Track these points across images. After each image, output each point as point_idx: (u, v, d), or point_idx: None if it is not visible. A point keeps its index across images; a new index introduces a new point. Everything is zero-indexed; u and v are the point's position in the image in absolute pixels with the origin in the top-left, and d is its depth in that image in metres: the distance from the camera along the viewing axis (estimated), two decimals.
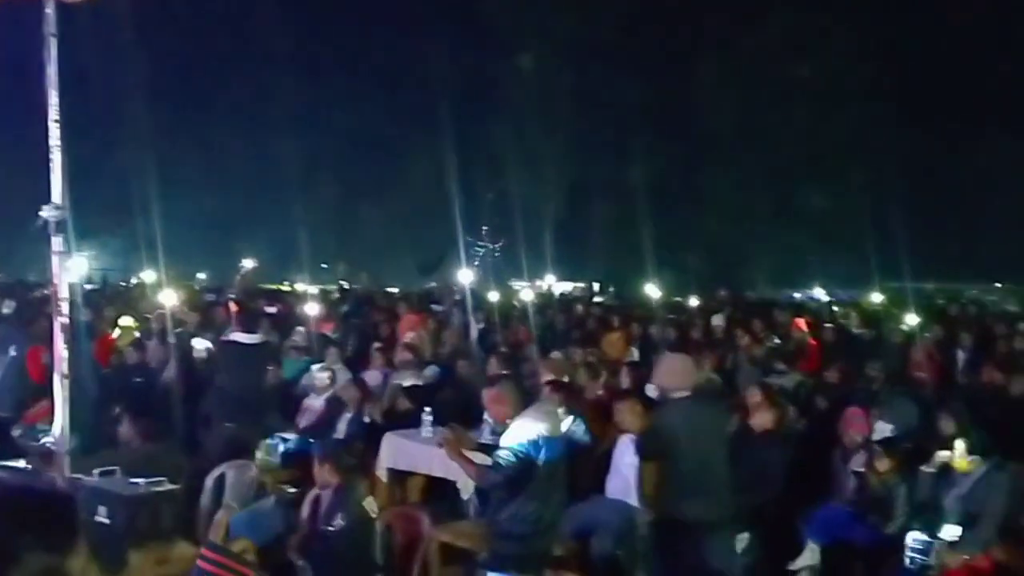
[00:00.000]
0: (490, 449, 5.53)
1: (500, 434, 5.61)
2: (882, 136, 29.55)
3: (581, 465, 7.01)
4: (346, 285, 23.80)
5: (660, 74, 33.27)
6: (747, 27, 31.91)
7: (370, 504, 5.40)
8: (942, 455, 6.39)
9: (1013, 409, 8.36)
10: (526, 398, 5.90)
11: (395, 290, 24.57)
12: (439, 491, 8.15)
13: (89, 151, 24.82)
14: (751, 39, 31.68)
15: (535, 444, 5.27)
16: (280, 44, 33.63)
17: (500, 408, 5.61)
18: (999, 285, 29.91)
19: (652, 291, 23.19)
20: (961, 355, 10.78)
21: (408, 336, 12.46)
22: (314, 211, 34.24)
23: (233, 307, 9.41)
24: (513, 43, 34.84)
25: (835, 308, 15.29)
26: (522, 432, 5.33)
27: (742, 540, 6.85)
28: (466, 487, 7.74)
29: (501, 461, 5.24)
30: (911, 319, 12.78)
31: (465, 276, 22.34)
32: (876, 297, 19.74)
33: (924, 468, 6.50)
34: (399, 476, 8.51)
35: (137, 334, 11.19)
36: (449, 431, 5.66)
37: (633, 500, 6.76)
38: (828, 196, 27.95)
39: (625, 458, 6.90)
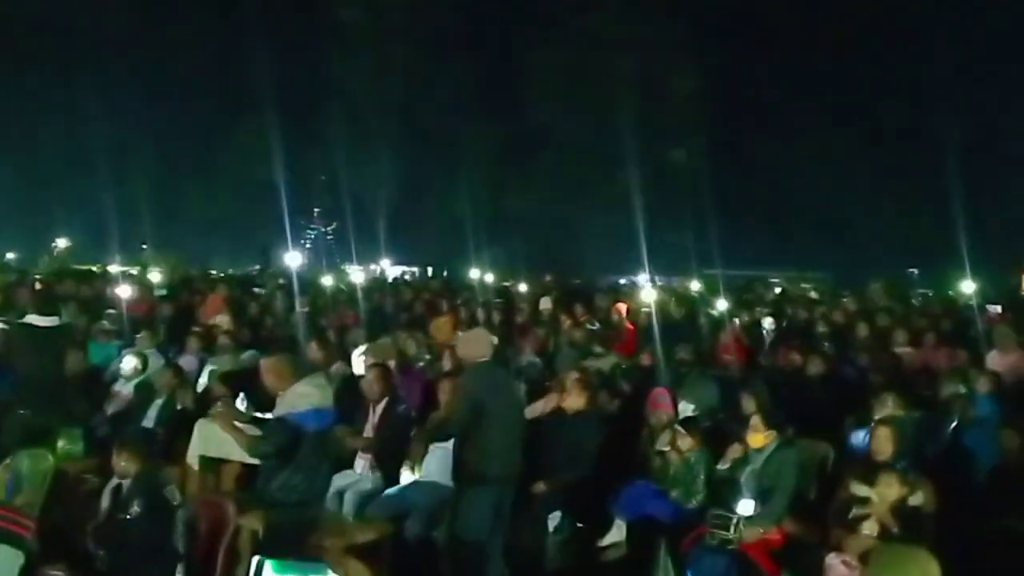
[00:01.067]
0: (263, 422, 5.65)
1: None
2: (702, 131, 30.89)
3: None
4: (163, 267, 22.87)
5: (492, 58, 33.54)
6: (577, 11, 32.56)
7: (172, 492, 5.20)
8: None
9: (808, 388, 8.88)
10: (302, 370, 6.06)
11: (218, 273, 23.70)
12: (252, 478, 7.96)
13: None
14: (579, 23, 32.33)
15: (305, 415, 5.43)
16: (97, 18, 31.93)
17: (275, 379, 5.74)
18: (809, 274, 31.84)
19: (483, 275, 23.37)
20: (766, 338, 11.39)
21: (215, 319, 12.09)
22: (134, 191, 32.69)
23: (33, 288, 8.87)
24: (345, 25, 34.24)
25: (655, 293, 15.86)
26: (293, 403, 5.47)
27: (555, 518, 7.04)
28: None
29: (271, 432, 5.37)
30: (722, 304, 13.39)
31: (292, 259, 21.83)
32: (694, 284, 20.62)
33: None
34: (214, 464, 8.26)
35: None
36: (220, 404, 5.85)
37: (448, 481, 6.80)
38: (653, 186, 28.90)
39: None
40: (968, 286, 17.33)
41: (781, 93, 33.01)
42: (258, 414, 6.55)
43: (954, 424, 7.57)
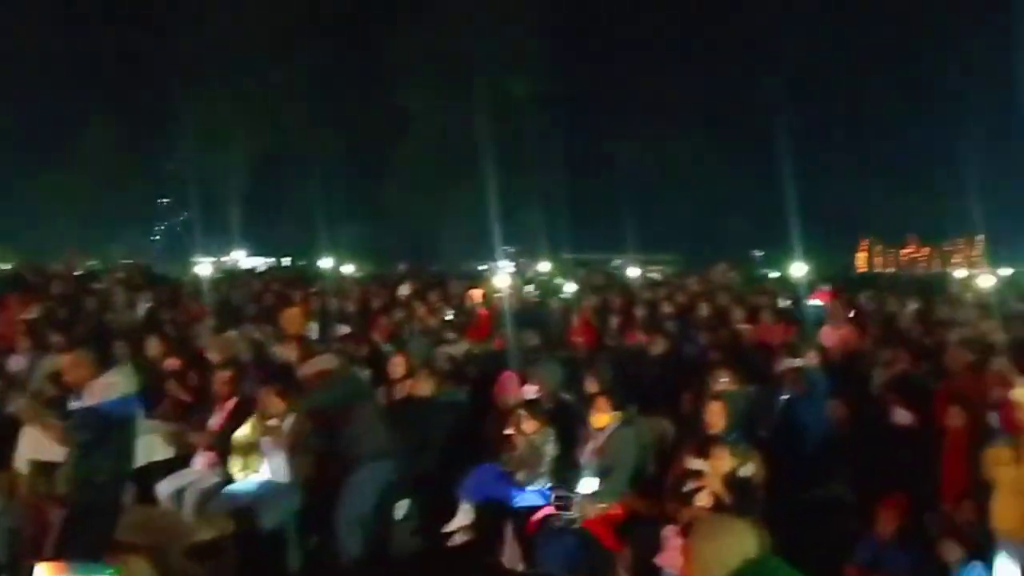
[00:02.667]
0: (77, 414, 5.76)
1: None
2: (556, 119, 31.39)
3: None
4: None
5: (349, 43, 33.05)
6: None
7: None
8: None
9: (652, 368, 9.14)
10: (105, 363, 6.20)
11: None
12: None
13: None
14: (437, 10, 32.28)
15: (112, 403, 5.64)
16: None
17: (78, 373, 5.85)
18: (658, 257, 32.79)
19: (339, 265, 23.07)
20: (613, 320, 11.63)
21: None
22: None
23: None
24: (200, 11, 33.04)
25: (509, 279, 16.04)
26: (101, 392, 5.65)
27: (402, 506, 7.01)
28: None
29: (82, 422, 5.57)
30: (572, 288, 13.63)
31: (136, 252, 20.97)
32: (548, 268, 20.95)
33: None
34: (45, 468, 7.87)
35: None
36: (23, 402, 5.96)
37: (287, 478, 6.70)
38: (509, 173, 29.14)
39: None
40: (800, 267, 18.25)
41: (632, 83, 33.79)
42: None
43: (786, 397, 7.95)
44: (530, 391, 7.73)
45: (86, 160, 34.97)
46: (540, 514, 6.50)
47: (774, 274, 21.80)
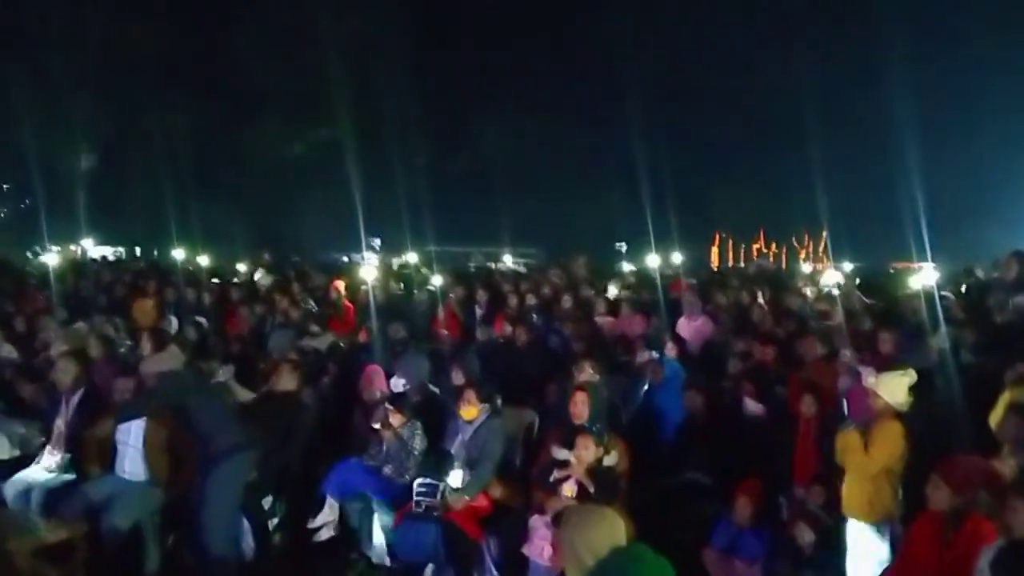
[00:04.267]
0: None
1: None
2: (420, 108, 31.27)
3: None
4: None
5: (200, 27, 31.97)
6: None
7: None
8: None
9: (518, 358, 9.23)
10: None
11: None
12: None
13: None
14: None
15: None
16: None
17: None
18: (521, 249, 33.15)
19: (195, 255, 22.33)
20: (478, 311, 11.69)
21: None
22: None
23: None
24: None
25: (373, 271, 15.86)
26: None
27: (267, 502, 6.88)
28: None
29: None
30: (437, 280, 13.59)
31: None
32: (411, 258, 20.86)
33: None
34: None
35: None
36: None
37: (142, 477, 6.47)
38: (371, 161, 28.84)
39: (129, 436, 6.56)
40: (654, 259, 18.86)
41: (499, 73, 33.99)
42: None
43: (646, 387, 8.19)
44: (397, 384, 7.71)
45: None
46: (406, 506, 6.49)
47: (630, 267, 22.36)
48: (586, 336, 9.60)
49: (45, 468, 6.91)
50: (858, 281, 14.88)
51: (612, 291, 12.79)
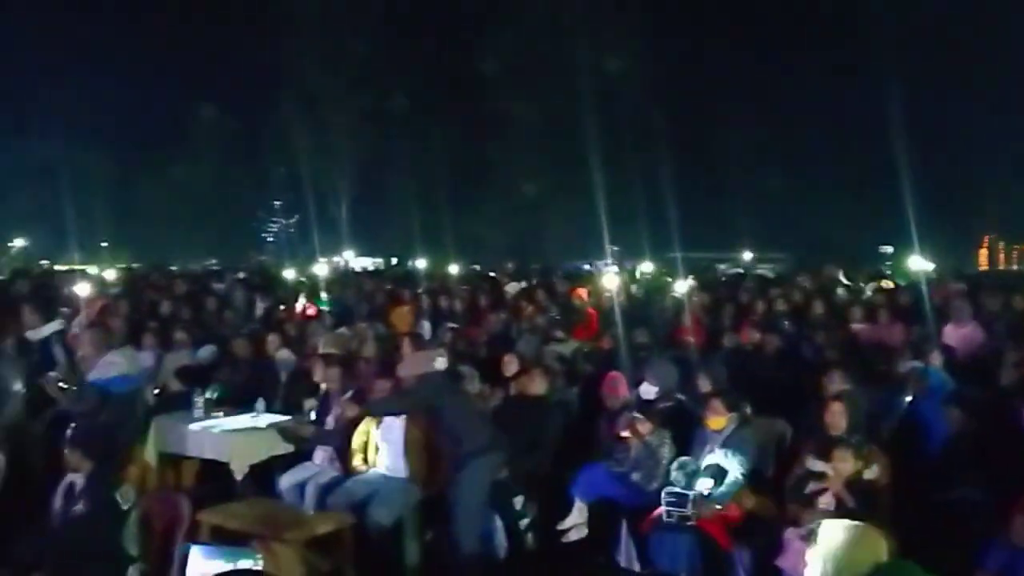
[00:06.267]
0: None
1: None
2: (661, 115, 31.07)
3: None
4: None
5: (451, 43, 33.42)
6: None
7: (126, 492, 5.12)
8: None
9: (767, 367, 8.96)
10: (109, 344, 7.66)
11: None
12: (213, 473, 7.92)
13: None
14: (538, 7, 32.37)
15: (112, 380, 6.98)
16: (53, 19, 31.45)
17: (89, 350, 7.35)
18: (769, 255, 32.13)
19: (446, 264, 23.34)
20: (725, 319, 11.44)
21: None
22: (92, 189, 32.32)
23: None
24: (301, 15, 33.93)
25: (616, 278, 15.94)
26: (102, 370, 7.06)
27: (516, 503, 7.05)
28: (239, 467, 7.58)
29: (82, 393, 6.90)
30: (682, 287, 13.45)
31: (254, 254, 21.65)
32: (653, 267, 20.76)
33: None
34: (173, 460, 8.20)
35: None
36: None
37: (403, 474, 6.81)
38: (615, 171, 28.98)
39: (390, 434, 6.91)
40: (918, 262, 17.66)
41: (738, 77, 33.20)
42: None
43: (909, 398, 7.69)
44: (647, 391, 7.65)
45: (201, 163, 36.35)
46: (655, 513, 6.44)
47: (891, 271, 21.11)
48: (840, 344, 9.16)
49: (317, 464, 7.43)
50: None
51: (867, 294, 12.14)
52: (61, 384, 7.55)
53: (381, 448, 7.02)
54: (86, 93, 33.88)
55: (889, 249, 28.81)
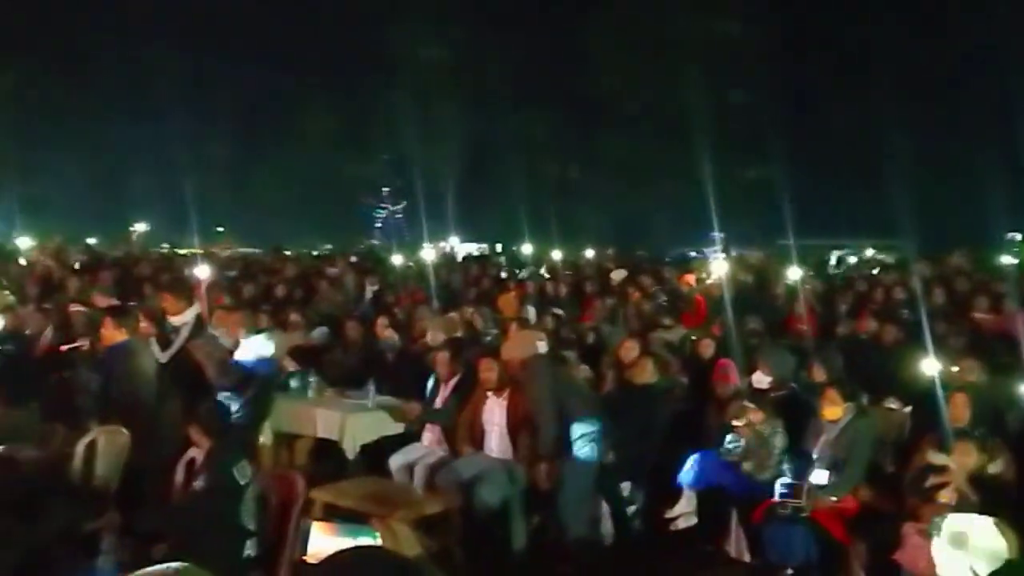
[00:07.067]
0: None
1: None
2: (774, 98, 30.25)
3: None
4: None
5: (555, 32, 33.30)
6: None
7: (243, 468, 5.28)
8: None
9: (885, 357, 8.67)
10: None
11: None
12: (325, 452, 8.12)
13: None
14: None
15: (255, 362, 7.41)
16: (166, 8, 32.57)
17: (233, 333, 7.94)
18: (887, 242, 30.99)
19: (550, 250, 23.31)
20: (842, 306, 11.11)
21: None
22: (208, 174, 33.38)
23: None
24: (410, 3, 34.34)
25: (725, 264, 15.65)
26: (247, 351, 7.50)
27: (624, 489, 7.02)
28: (351, 447, 7.75)
29: (229, 371, 7.29)
30: (794, 274, 13.11)
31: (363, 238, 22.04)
32: (763, 254, 20.31)
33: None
34: (287, 439, 8.43)
35: (11, 299, 10.73)
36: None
37: (508, 456, 6.83)
38: (722, 156, 28.43)
39: (495, 417, 6.93)
40: None
41: (861, 57, 31.98)
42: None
43: None
44: (760, 379, 7.48)
45: (311, 149, 37.18)
46: (766, 504, 6.31)
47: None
48: (964, 334, 8.79)
49: (425, 445, 7.53)
50: None
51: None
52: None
53: (486, 431, 7.06)
54: (201, 81, 35.02)
55: (1018, 236, 27.42)
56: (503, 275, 15.88)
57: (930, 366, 7.16)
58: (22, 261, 16.69)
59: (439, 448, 7.42)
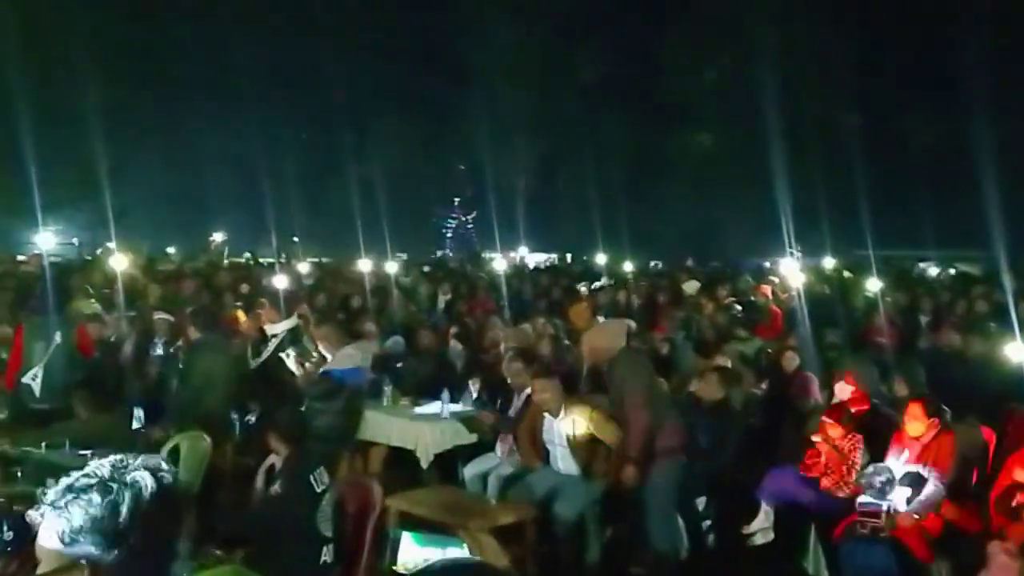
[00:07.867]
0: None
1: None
2: (849, 106, 29.69)
3: None
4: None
5: (625, 45, 33.22)
6: None
7: (320, 475, 5.35)
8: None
9: (969, 371, 8.43)
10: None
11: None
12: (399, 460, 8.19)
13: (56, 127, 24.39)
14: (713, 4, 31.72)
15: (346, 371, 7.63)
16: (239, 14, 33.24)
17: (328, 344, 8.13)
18: (970, 253, 30.10)
19: (622, 261, 23.21)
20: (923, 319, 10.84)
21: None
22: (285, 185, 34.02)
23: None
24: (482, 14, 34.57)
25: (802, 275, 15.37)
26: (339, 361, 7.78)
27: (700, 504, 6.93)
28: (425, 455, 7.80)
29: (320, 381, 7.46)
30: (874, 285, 12.83)
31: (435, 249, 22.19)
32: (836, 264, 19.92)
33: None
34: (362, 446, 8.52)
35: (97, 307, 11.05)
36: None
37: (574, 470, 6.76)
38: (799, 165, 27.98)
39: (555, 437, 6.85)
40: None
41: (945, 65, 31.23)
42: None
43: None
44: (843, 392, 7.30)
45: (381, 162, 37.64)
46: (847, 522, 6.17)
47: None
48: None
49: (499, 455, 7.54)
50: None
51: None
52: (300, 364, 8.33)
53: (550, 450, 6.98)
54: (278, 94, 35.74)
55: None
56: (578, 286, 15.82)
57: (1017, 380, 6.93)
58: (107, 270, 17.14)
59: (512, 459, 7.41)
